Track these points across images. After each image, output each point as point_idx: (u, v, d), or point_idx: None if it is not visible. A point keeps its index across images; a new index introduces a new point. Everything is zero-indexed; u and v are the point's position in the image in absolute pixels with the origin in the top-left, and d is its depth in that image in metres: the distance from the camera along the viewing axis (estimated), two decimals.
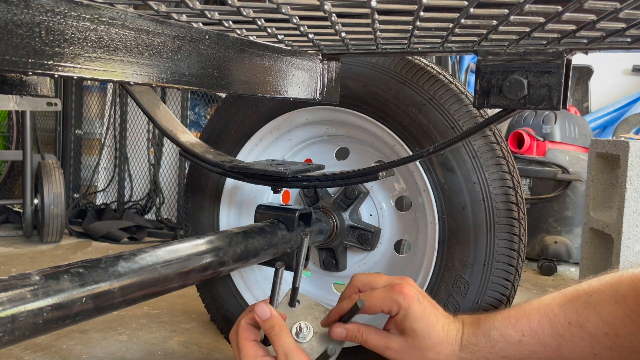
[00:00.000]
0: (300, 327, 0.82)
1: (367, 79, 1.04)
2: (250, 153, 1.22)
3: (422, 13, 0.54)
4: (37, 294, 0.55)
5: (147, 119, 1.12)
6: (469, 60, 3.20)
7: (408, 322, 0.78)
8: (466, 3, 0.51)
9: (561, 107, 0.71)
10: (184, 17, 0.59)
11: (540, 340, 0.75)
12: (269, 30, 0.66)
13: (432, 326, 0.78)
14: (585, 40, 0.66)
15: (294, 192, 1.27)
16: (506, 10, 0.53)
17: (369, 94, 1.04)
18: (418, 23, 0.59)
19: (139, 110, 1.75)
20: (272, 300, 0.80)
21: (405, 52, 0.90)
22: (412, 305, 0.78)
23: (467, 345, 0.78)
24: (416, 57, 1.02)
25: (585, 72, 3.51)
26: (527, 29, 0.62)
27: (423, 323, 0.78)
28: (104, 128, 3.19)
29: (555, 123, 2.52)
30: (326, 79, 0.92)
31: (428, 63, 1.02)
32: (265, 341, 0.78)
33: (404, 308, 0.78)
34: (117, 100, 3.15)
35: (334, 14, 0.57)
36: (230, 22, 0.62)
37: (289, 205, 1.15)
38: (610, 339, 0.71)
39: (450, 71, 2.44)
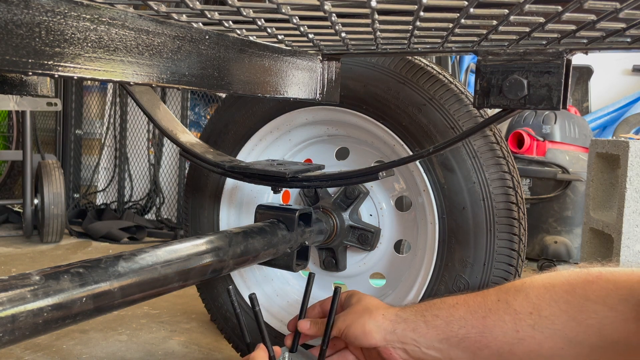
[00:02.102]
0: (284, 356, 0.95)
1: (367, 79, 1.04)
2: (250, 153, 1.22)
3: (422, 13, 0.54)
4: (37, 294, 0.55)
5: (147, 119, 1.12)
6: (469, 60, 3.20)
7: (351, 299, 0.94)
8: (466, 3, 0.51)
9: (561, 107, 0.71)
10: (184, 17, 0.59)
11: (470, 309, 0.82)
12: (269, 30, 0.66)
13: (371, 298, 0.94)
14: (585, 40, 0.66)
15: (294, 192, 1.27)
16: (506, 10, 0.53)
17: (369, 94, 1.04)
18: (418, 23, 0.59)
19: (139, 110, 1.75)
20: (264, 340, 0.92)
21: (405, 52, 0.90)
22: (355, 291, 0.96)
23: (408, 306, 0.89)
24: (416, 57, 1.02)
25: (585, 72, 3.51)
26: (527, 29, 0.62)
27: (363, 295, 0.94)
28: (104, 128, 3.19)
29: (555, 123, 2.52)
30: (326, 79, 0.92)
31: (428, 63, 1.02)
32: None
33: (350, 292, 0.96)
34: (117, 100, 3.16)
35: (334, 14, 0.57)
36: (230, 22, 0.62)
37: (289, 205, 1.15)
38: (534, 318, 0.75)
39: (450, 71, 2.44)
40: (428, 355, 0.84)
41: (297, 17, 0.59)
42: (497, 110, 0.77)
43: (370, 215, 1.16)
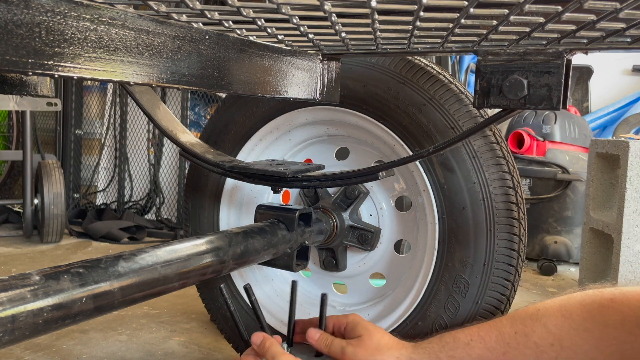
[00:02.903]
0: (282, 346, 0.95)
1: (367, 79, 1.04)
2: (250, 153, 1.22)
3: (422, 13, 0.54)
4: (37, 294, 0.55)
5: (147, 119, 1.12)
6: (469, 60, 3.20)
7: (359, 328, 0.90)
8: (466, 3, 0.51)
9: (561, 107, 0.71)
10: (184, 17, 0.59)
11: (487, 346, 0.79)
12: (269, 30, 0.66)
13: (381, 331, 0.89)
14: (585, 40, 0.66)
15: (294, 192, 1.27)
16: (506, 10, 0.53)
17: (369, 94, 1.04)
18: (418, 23, 0.59)
19: (139, 110, 1.75)
20: (263, 329, 0.95)
21: (405, 52, 0.90)
22: (362, 320, 0.93)
23: (420, 346, 0.85)
24: (416, 57, 1.02)
25: (585, 72, 3.51)
26: (527, 29, 0.62)
27: (372, 327, 0.90)
28: (104, 128, 3.19)
29: (555, 123, 2.52)
30: (326, 79, 0.92)
31: (428, 63, 1.02)
32: None
33: (353, 319, 0.93)
34: (117, 100, 3.15)
35: (334, 14, 0.57)
36: (230, 22, 0.62)
37: (289, 205, 1.15)
38: (556, 349, 0.74)
39: (450, 71, 2.44)
40: None
41: (297, 17, 0.59)
42: (497, 110, 0.77)
43: (370, 215, 1.16)
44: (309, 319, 1.01)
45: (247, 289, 0.94)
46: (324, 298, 0.97)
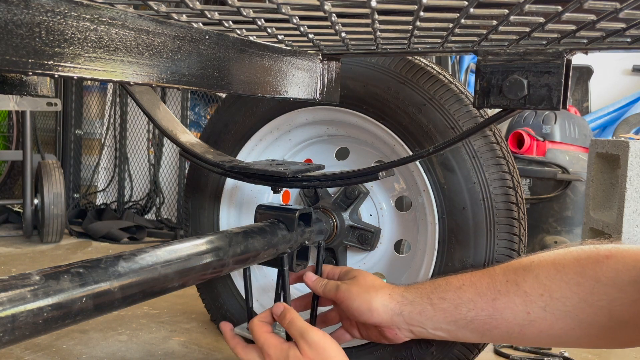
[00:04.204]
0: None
1: (367, 79, 1.04)
2: (250, 153, 1.22)
3: (422, 13, 0.54)
4: (37, 294, 0.55)
5: (147, 119, 1.12)
6: (469, 60, 3.20)
7: (352, 272, 0.95)
8: (466, 3, 0.51)
9: (561, 107, 0.71)
10: (184, 17, 0.59)
11: (478, 291, 0.81)
12: (269, 30, 0.66)
13: (374, 275, 0.93)
14: (585, 40, 0.66)
15: (294, 192, 1.27)
16: (506, 10, 0.53)
17: (369, 94, 1.04)
18: (418, 23, 0.59)
19: (139, 110, 1.75)
20: (277, 299, 0.98)
21: (405, 52, 0.90)
22: (354, 268, 0.98)
23: (413, 287, 0.88)
24: (416, 57, 1.02)
25: (585, 72, 3.51)
26: (527, 29, 0.62)
27: (365, 272, 0.95)
28: (104, 128, 3.19)
29: (555, 123, 2.52)
30: (326, 79, 0.92)
31: (428, 63, 1.02)
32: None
33: (346, 268, 0.99)
34: (117, 100, 3.15)
35: (334, 14, 0.57)
36: (230, 22, 0.62)
37: (289, 205, 1.15)
38: (545, 299, 0.75)
39: (450, 71, 2.44)
40: (435, 335, 0.85)
41: (297, 17, 0.59)
42: (497, 110, 0.77)
43: (370, 215, 1.16)
44: (302, 270, 1.05)
45: (282, 258, 0.99)
46: (320, 246, 1.03)
